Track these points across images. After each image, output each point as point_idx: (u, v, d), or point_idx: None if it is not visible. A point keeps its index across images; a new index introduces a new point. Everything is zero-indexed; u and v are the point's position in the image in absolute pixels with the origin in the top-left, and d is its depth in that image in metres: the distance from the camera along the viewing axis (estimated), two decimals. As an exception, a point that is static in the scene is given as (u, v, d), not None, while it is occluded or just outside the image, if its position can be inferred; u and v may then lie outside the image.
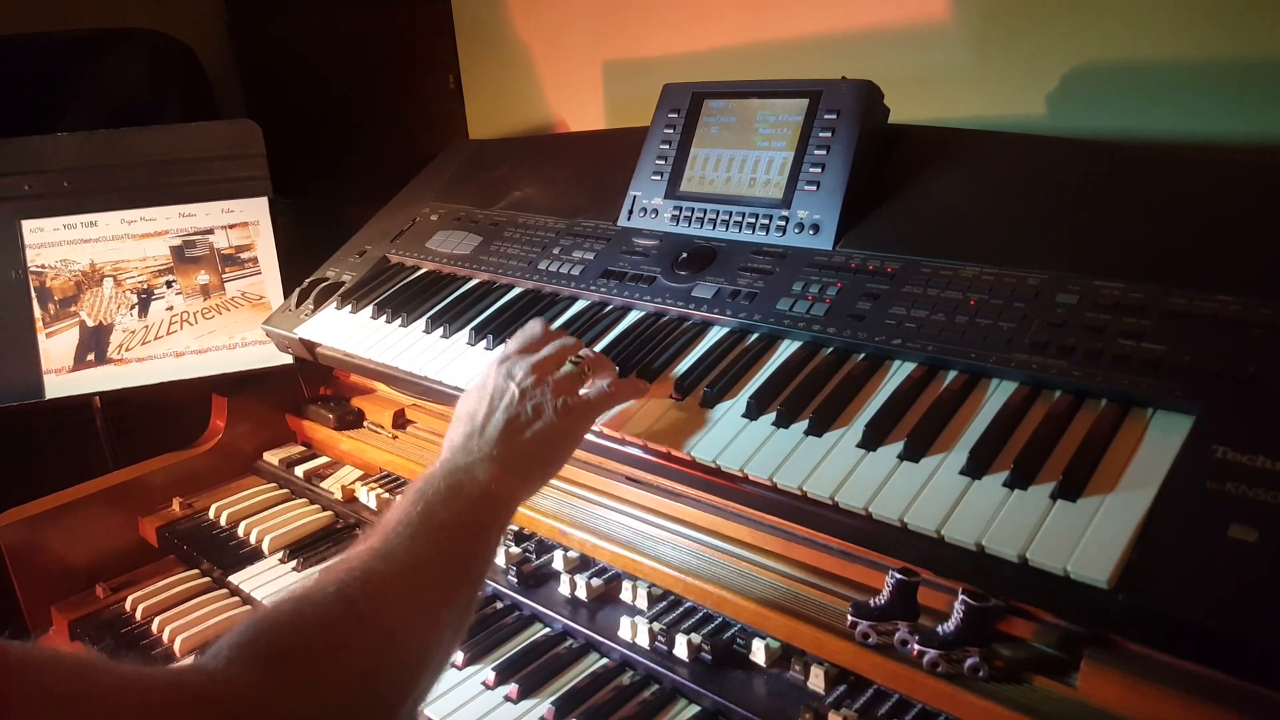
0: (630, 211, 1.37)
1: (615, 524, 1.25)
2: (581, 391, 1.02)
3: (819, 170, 1.19)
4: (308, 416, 1.79)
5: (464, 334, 1.31)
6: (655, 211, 1.34)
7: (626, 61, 1.79)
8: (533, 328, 1.09)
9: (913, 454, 0.88)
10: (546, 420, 0.95)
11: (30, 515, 1.55)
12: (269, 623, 0.68)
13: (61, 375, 1.75)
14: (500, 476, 0.89)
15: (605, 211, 1.41)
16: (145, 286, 1.81)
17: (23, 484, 1.60)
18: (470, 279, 1.47)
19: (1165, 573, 0.71)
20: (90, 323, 1.78)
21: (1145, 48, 1.21)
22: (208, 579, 1.52)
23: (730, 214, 1.25)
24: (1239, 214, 0.98)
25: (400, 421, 1.69)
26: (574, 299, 1.32)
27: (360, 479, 1.61)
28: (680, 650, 1.05)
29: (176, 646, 1.35)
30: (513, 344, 1.07)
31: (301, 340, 1.53)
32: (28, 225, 1.77)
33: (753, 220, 1.23)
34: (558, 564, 1.25)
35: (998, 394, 0.93)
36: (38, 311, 1.76)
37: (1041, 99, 1.31)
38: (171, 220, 1.83)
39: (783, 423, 0.97)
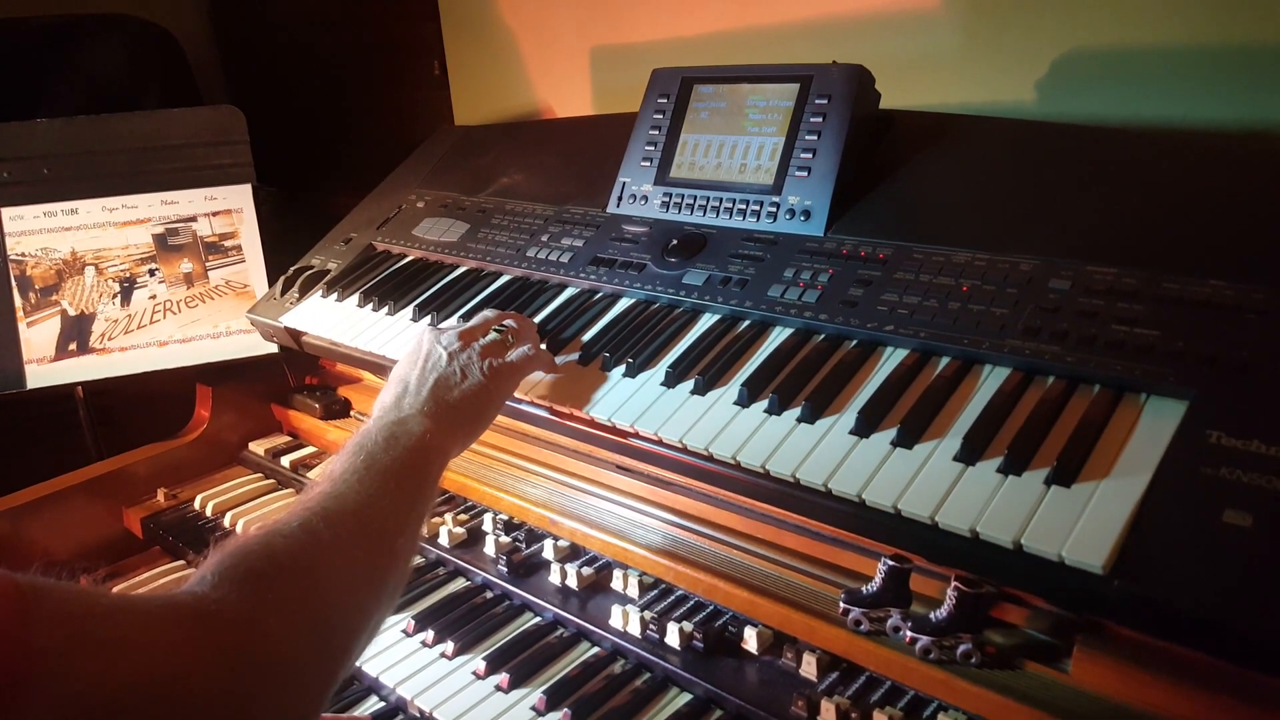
0: (619, 198, 1.36)
1: (606, 512, 1.25)
2: (506, 355, 1.08)
3: (810, 156, 1.18)
4: (294, 406, 1.78)
5: (452, 322, 1.29)
6: (645, 198, 1.33)
7: (614, 47, 1.77)
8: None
9: (906, 441, 0.88)
10: (473, 380, 1.03)
11: (12, 507, 1.52)
12: (245, 551, 0.74)
13: (43, 365, 1.73)
14: (433, 429, 0.95)
15: (594, 198, 1.40)
16: (127, 275, 1.79)
17: (4, 475, 1.58)
18: (458, 266, 1.46)
19: (1160, 558, 0.70)
20: (72, 312, 1.76)
21: (1134, 33, 1.21)
22: (193, 570, 1.51)
23: (720, 200, 1.25)
24: (1231, 199, 0.98)
25: (387, 410, 1.67)
26: (563, 286, 1.31)
27: (347, 469, 1.60)
28: (672, 638, 1.05)
29: (162, 638, 1.34)
30: (445, 323, 1.17)
31: (287, 329, 1.52)
32: (7, 213, 1.74)
33: (743, 206, 1.22)
34: (548, 553, 1.24)
35: (991, 380, 0.92)
36: (18, 300, 1.74)
37: (1031, 85, 1.30)
38: (154, 208, 1.80)
39: (775, 410, 0.97)
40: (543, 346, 1.18)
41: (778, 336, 1.08)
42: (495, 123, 1.98)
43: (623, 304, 1.24)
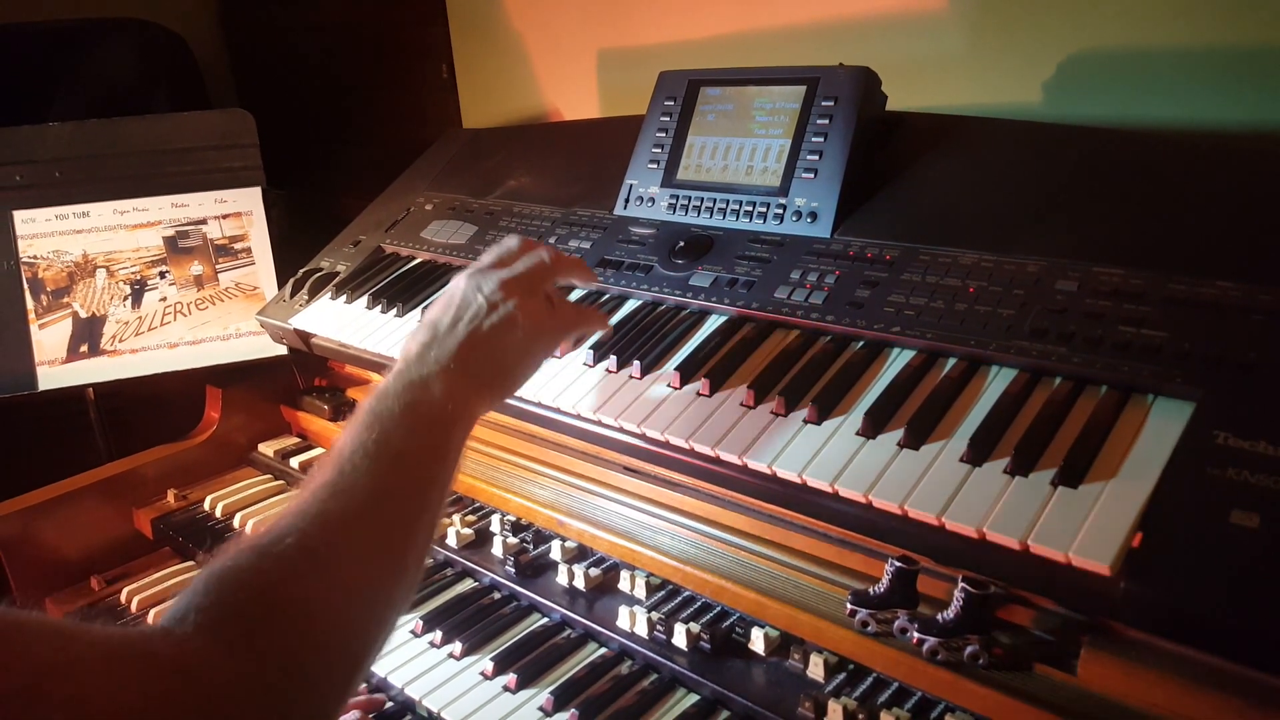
0: (627, 200, 1.36)
1: (613, 514, 1.25)
2: (549, 310, 0.99)
3: (816, 157, 1.18)
4: (303, 408, 1.78)
5: (489, 257, 1.28)
6: (652, 200, 1.33)
7: (621, 50, 1.78)
8: (509, 242, 1.05)
9: (913, 442, 0.88)
10: (510, 336, 0.93)
11: (24, 507, 1.54)
12: (231, 583, 0.66)
13: (54, 367, 1.74)
14: (456, 390, 0.86)
15: (601, 200, 1.41)
16: (138, 277, 1.80)
17: (16, 476, 1.59)
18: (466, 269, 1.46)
19: (1167, 559, 0.70)
20: (83, 314, 1.77)
21: (1142, 35, 1.21)
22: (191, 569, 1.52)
23: (727, 202, 1.25)
24: (1238, 200, 0.97)
25: (396, 412, 1.68)
26: (570, 288, 1.31)
27: (356, 470, 1.60)
28: (679, 639, 1.05)
29: (173, 638, 1.34)
30: (487, 257, 1.02)
31: (296, 331, 1.53)
32: (19, 216, 1.76)
33: (750, 208, 1.23)
34: (555, 554, 1.25)
35: (997, 381, 0.92)
36: (30, 303, 1.75)
37: (1038, 86, 1.30)
38: (164, 210, 1.82)
39: (782, 411, 0.97)
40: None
41: (785, 338, 1.08)
42: (503, 125, 1.98)
43: (630, 305, 1.24)
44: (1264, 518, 0.69)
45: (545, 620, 1.19)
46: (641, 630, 1.08)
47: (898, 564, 0.95)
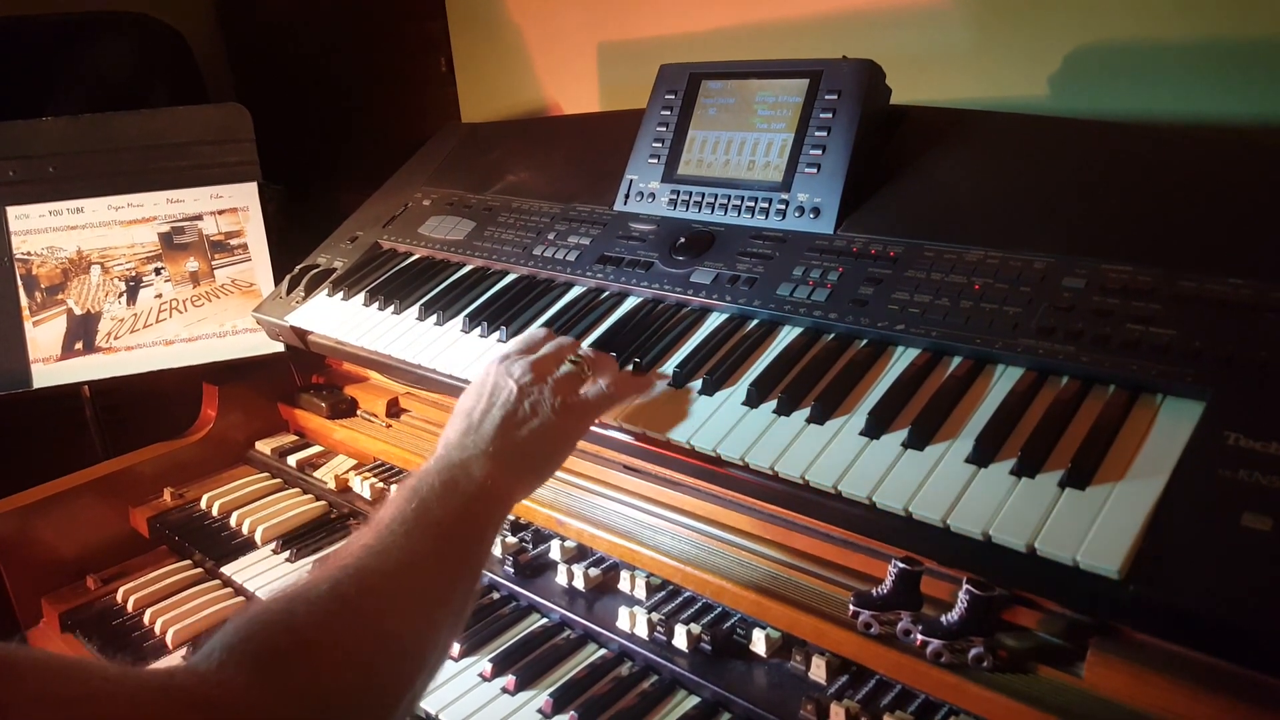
0: (627, 196, 1.35)
1: (613, 513, 1.24)
2: (581, 391, 1.00)
3: (820, 152, 1.17)
4: (300, 405, 1.77)
5: (458, 321, 1.29)
6: (652, 195, 1.32)
7: (621, 43, 1.76)
8: (534, 332, 1.11)
9: (917, 442, 0.86)
10: (544, 418, 0.95)
11: (20, 506, 1.53)
12: (261, 622, 0.67)
13: (49, 364, 1.73)
14: (496, 474, 0.89)
15: (601, 196, 1.39)
16: (133, 274, 1.79)
17: (11, 475, 1.58)
18: (464, 265, 1.45)
19: (1176, 563, 0.69)
20: (78, 311, 1.76)
21: (1148, 28, 1.19)
22: (200, 570, 1.51)
23: (729, 197, 1.23)
24: (1248, 196, 0.96)
25: (394, 410, 1.67)
26: (570, 285, 1.30)
27: (354, 468, 1.59)
28: (679, 641, 1.04)
29: (169, 639, 1.33)
30: (513, 344, 1.08)
31: (293, 328, 1.51)
32: (13, 212, 1.74)
33: (752, 204, 1.21)
34: (555, 554, 1.24)
35: (1003, 380, 0.91)
36: (24, 300, 1.74)
37: (1044, 80, 1.29)
38: (159, 206, 1.80)
39: (784, 410, 0.95)
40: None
41: (787, 336, 1.07)
42: (502, 120, 1.97)
43: (630, 303, 1.22)
44: (1276, 520, 0.68)
45: (544, 621, 1.18)
46: (642, 631, 1.07)
47: (901, 565, 0.94)
